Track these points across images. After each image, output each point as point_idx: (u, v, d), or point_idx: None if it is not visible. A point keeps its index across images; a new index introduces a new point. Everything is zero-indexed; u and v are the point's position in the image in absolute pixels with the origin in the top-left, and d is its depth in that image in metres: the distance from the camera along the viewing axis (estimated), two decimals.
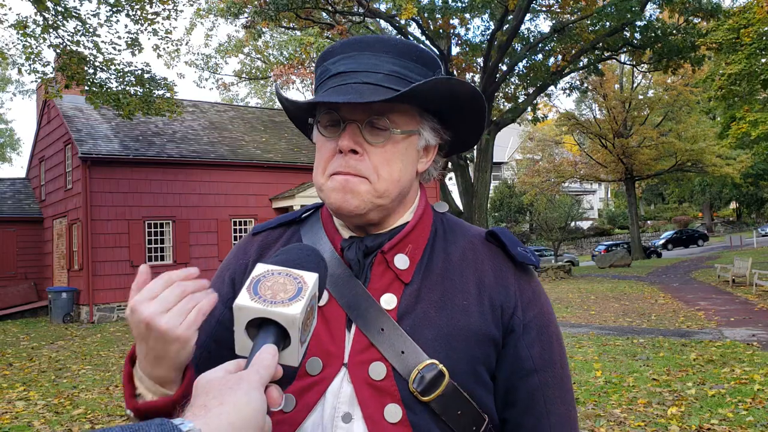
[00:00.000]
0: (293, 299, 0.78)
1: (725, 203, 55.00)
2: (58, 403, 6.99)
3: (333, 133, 1.01)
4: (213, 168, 18.52)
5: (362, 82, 0.99)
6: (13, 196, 21.17)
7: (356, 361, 0.97)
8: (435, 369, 0.96)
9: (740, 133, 18.06)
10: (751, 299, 14.38)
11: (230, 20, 24.19)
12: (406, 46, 1.03)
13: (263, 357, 0.74)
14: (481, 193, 25.03)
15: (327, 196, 1.02)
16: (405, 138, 1.02)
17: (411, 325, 0.99)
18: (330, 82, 1.01)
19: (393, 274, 1.02)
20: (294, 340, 0.78)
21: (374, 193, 1.00)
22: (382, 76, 1.00)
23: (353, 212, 1.01)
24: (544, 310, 1.08)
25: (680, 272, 24.47)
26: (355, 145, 0.99)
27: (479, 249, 1.08)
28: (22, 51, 14.66)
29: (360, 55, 1.01)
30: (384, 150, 1.00)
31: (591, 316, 12.86)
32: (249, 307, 0.78)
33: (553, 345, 1.08)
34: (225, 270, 1.15)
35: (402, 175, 1.02)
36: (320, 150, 1.04)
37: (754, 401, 5.85)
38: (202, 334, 1.09)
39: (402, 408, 0.95)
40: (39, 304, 18.76)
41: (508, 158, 51.25)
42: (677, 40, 22.81)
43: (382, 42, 1.03)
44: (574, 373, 7.39)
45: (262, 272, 0.83)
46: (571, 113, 36.59)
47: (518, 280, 1.07)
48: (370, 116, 0.99)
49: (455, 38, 25.75)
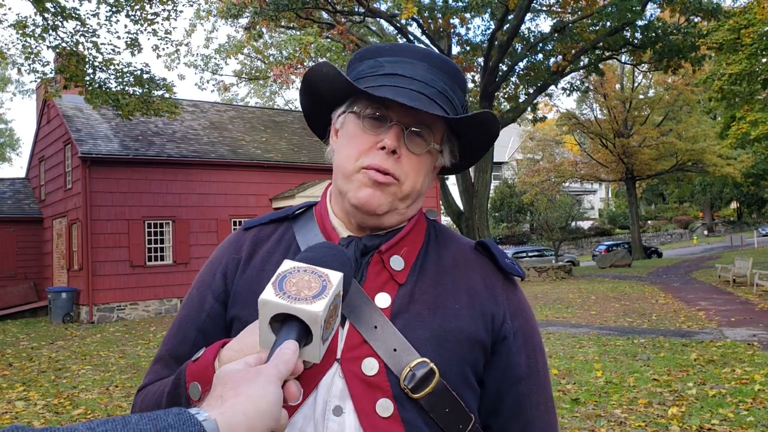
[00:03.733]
0: (317, 297, 0.80)
1: (726, 203, 54.99)
2: (57, 403, 6.98)
3: (376, 127, 1.03)
4: (213, 168, 18.51)
5: (419, 92, 1.02)
6: (13, 196, 21.16)
7: (349, 357, 0.99)
8: (426, 367, 0.98)
9: (740, 133, 18.05)
10: (751, 299, 14.36)
11: (230, 21, 24.20)
12: (452, 67, 1.09)
13: (284, 352, 0.75)
14: (481, 192, 25.02)
15: (353, 188, 1.04)
16: (434, 154, 1.08)
17: (404, 324, 1.01)
18: (384, 79, 1.04)
19: (388, 274, 1.05)
20: (316, 337, 0.79)
21: (399, 196, 1.04)
22: (436, 92, 1.04)
23: (375, 210, 1.03)
24: (528, 320, 1.12)
25: (681, 272, 24.46)
26: (399, 146, 1.02)
27: (470, 257, 1.12)
28: (21, 51, 14.67)
29: (418, 65, 1.05)
30: (419, 159, 1.05)
31: (591, 316, 12.85)
32: (273, 302, 0.79)
33: (537, 354, 1.11)
34: (216, 264, 1.15)
35: (423, 186, 1.08)
36: (355, 139, 1.05)
37: (755, 401, 5.84)
38: (192, 329, 1.10)
39: (394, 403, 0.97)
40: (39, 304, 18.76)
41: (509, 158, 51.24)
42: (678, 40, 22.80)
43: (432, 56, 1.07)
44: (575, 373, 7.38)
45: (288, 269, 0.84)
46: (571, 113, 36.57)
47: (506, 290, 1.11)
48: (414, 124, 1.03)
49: (455, 38, 25.75)
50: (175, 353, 1.09)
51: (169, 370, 1.08)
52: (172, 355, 1.10)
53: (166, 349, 1.12)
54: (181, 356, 1.07)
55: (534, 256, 33.59)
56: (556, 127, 38.52)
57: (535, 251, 35.03)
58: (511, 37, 22.50)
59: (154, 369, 1.11)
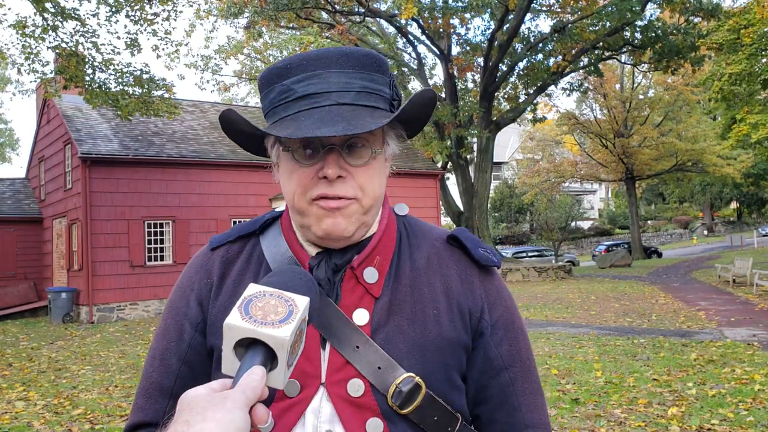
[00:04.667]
0: (283, 321, 0.78)
1: (726, 203, 54.98)
2: (57, 404, 6.98)
3: (310, 158, 0.97)
4: (213, 168, 18.51)
5: (338, 104, 0.96)
6: (13, 196, 21.16)
7: (334, 380, 0.98)
8: (412, 382, 0.97)
9: (741, 135, 18.05)
10: (751, 299, 14.36)
11: (230, 21, 24.19)
12: (367, 56, 1.01)
13: (252, 378, 0.74)
14: (481, 193, 25.01)
15: (313, 222, 0.99)
16: (381, 153, 1.03)
17: (384, 339, 1.00)
18: (297, 104, 0.97)
19: (363, 288, 1.02)
20: (281, 362, 0.78)
21: (361, 211, 1.00)
22: (356, 95, 0.97)
23: (342, 235, 1.00)
24: (508, 306, 1.11)
25: (681, 272, 24.46)
26: (341, 170, 0.97)
27: (443, 253, 1.10)
28: (21, 51, 14.67)
29: (327, 74, 0.97)
30: (367, 168, 0.99)
31: (591, 316, 12.85)
32: (239, 326, 0.77)
33: (519, 340, 1.10)
34: (188, 290, 1.11)
35: (381, 189, 1.03)
36: (295, 174, 0.99)
37: (755, 401, 5.84)
38: (174, 360, 1.07)
39: (383, 421, 0.97)
40: (39, 304, 18.75)
41: (509, 158, 51.24)
42: (677, 40, 22.82)
43: (346, 56, 0.99)
44: (575, 373, 7.38)
45: (254, 293, 0.82)
46: (571, 113, 36.57)
47: (482, 282, 1.09)
48: (349, 139, 0.97)
49: (455, 38, 25.75)
50: (160, 386, 1.07)
51: (155, 404, 1.06)
52: (156, 388, 1.07)
53: (150, 383, 1.08)
54: (166, 388, 1.06)
55: (534, 256, 33.60)
56: (556, 127, 38.52)
57: (535, 251, 35.04)
58: (511, 37, 22.50)
59: (139, 404, 1.08)
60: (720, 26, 18.15)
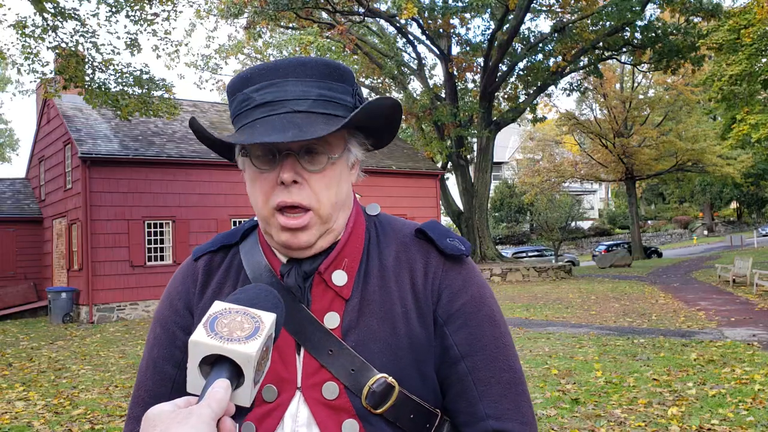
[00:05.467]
0: (250, 338, 0.78)
1: (726, 203, 54.97)
2: (57, 404, 6.98)
3: (268, 164, 1.01)
4: (213, 168, 18.51)
5: (293, 111, 0.99)
6: (13, 196, 21.16)
7: (309, 384, 1.00)
8: (384, 383, 0.99)
9: (741, 135, 18.05)
10: (751, 299, 14.36)
11: (230, 21, 24.18)
12: (326, 66, 1.03)
13: (216, 391, 0.73)
14: (481, 193, 25.01)
15: (275, 234, 1.03)
16: (339, 160, 1.04)
17: (356, 340, 1.01)
18: (256, 112, 1.00)
19: (333, 292, 1.04)
20: (248, 379, 0.78)
21: (320, 221, 1.02)
22: (312, 102, 1.00)
23: (303, 246, 1.02)
24: (475, 296, 1.08)
25: (681, 272, 24.46)
26: (296, 176, 0.99)
27: (411, 248, 1.10)
28: (21, 51, 14.67)
29: (284, 83, 1.00)
30: (323, 176, 1.01)
31: (591, 316, 12.85)
32: (204, 343, 0.77)
33: (484, 329, 1.06)
34: (175, 298, 1.13)
35: (339, 196, 1.04)
36: (256, 181, 1.03)
37: (755, 401, 5.84)
38: (169, 367, 1.09)
39: (359, 422, 0.98)
40: (39, 304, 18.75)
41: (509, 158, 51.25)
42: (677, 40, 22.81)
43: (303, 65, 1.02)
44: (575, 373, 7.38)
45: (219, 309, 0.82)
46: (571, 113, 36.56)
47: (446, 271, 1.07)
48: (306, 144, 1.00)
49: (455, 38, 25.75)
50: (155, 394, 1.07)
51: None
52: (152, 396, 1.08)
53: (145, 391, 1.09)
54: (161, 396, 1.06)
55: (534, 256, 33.61)
56: (556, 127, 38.52)
57: (535, 251, 35.04)
58: (511, 37, 22.50)
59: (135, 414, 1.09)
60: (720, 26, 18.15)
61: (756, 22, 16.07)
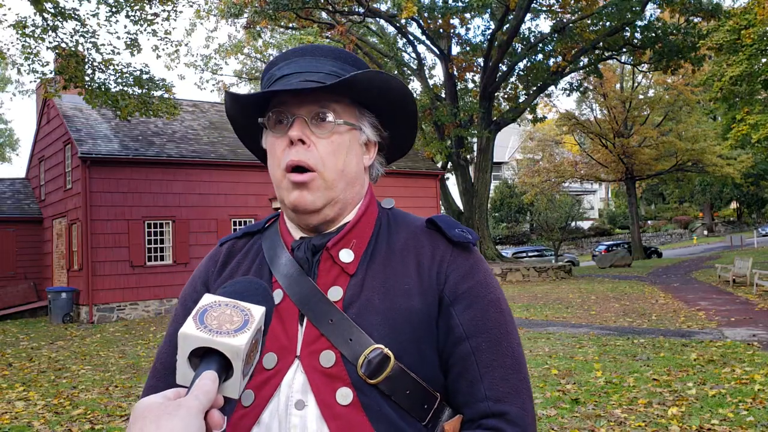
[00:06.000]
0: (239, 331, 0.78)
1: (726, 203, 54.96)
2: (57, 404, 6.98)
3: (281, 129, 1.09)
4: (213, 168, 18.51)
5: (305, 80, 1.07)
6: (13, 196, 21.16)
7: (308, 352, 1.03)
8: (380, 353, 1.01)
9: (741, 135, 18.05)
10: (751, 299, 14.36)
11: (230, 21, 24.18)
12: (341, 52, 1.14)
13: (204, 383, 0.74)
14: (481, 193, 25.01)
15: (284, 195, 1.09)
16: (348, 130, 1.10)
17: (356, 312, 1.04)
18: (275, 85, 1.09)
19: (339, 268, 1.09)
20: (237, 371, 0.78)
21: (325, 186, 1.07)
22: (323, 75, 1.08)
23: (309, 207, 1.08)
24: (480, 281, 1.11)
25: (681, 272, 24.46)
26: (303, 135, 1.06)
27: (420, 236, 1.14)
28: (21, 51, 14.67)
29: (301, 59, 1.11)
30: (330, 141, 1.08)
31: (591, 316, 12.85)
32: (194, 335, 0.77)
33: (489, 312, 1.09)
34: (197, 279, 1.21)
35: (346, 165, 1.10)
36: (273, 147, 1.11)
37: (755, 401, 5.84)
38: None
39: (353, 390, 1.00)
40: (39, 304, 18.75)
41: (509, 158, 51.23)
42: (677, 40, 22.81)
43: (320, 48, 1.13)
44: (575, 373, 7.38)
45: (209, 302, 0.82)
46: (571, 113, 36.55)
47: (455, 257, 1.11)
48: (315, 110, 1.07)
49: (455, 38, 25.74)
50: (170, 365, 1.11)
51: (165, 384, 1.09)
52: (166, 367, 1.13)
53: (161, 363, 1.15)
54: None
55: (534, 256, 33.59)
56: (556, 127, 38.52)
57: (535, 251, 35.03)
58: (511, 36, 22.49)
59: (151, 384, 1.15)
60: (720, 26, 18.14)
61: (756, 22, 16.07)
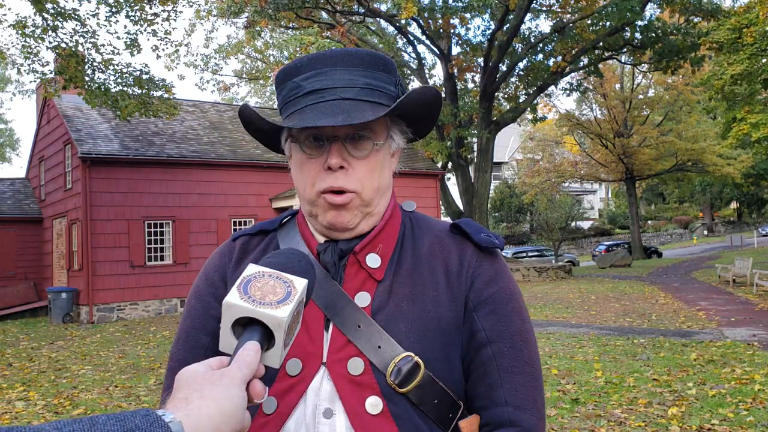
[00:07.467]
0: (282, 302, 0.79)
1: (726, 203, 54.97)
2: (57, 403, 6.98)
3: (316, 150, 1.05)
4: (213, 168, 18.51)
5: (341, 98, 1.03)
6: (13, 196, 21.15)
7: (335, 359, 1.01)
8: (411, 361, 1.00)
9: (741, 134, 18.04)
10: (751, 299, 14.36)
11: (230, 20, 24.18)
12: (371, 56, 1.08)
13: (246, 353, 0.75)
14: (481, 193, 25.00)
15: (319, 213, 1.07)
16: (383, 147, 1.09)
17: (385, 319, 1.03)
18: (305, 99, 1.04)
19: (366, 273, 1.08)
20: (278, 342, 0.79)
21: (362, 204, 1.06)
22: (359, 90, 1.04)
23: (346, 227, 1.07)
24: (504, 288, 1.11)
25: (681, 272, 24.45)
26: (343, 161, 1.03)
27: (445, 241, 1.13)
28: (21, 51, 14.66)
29: (333, 71, 1.05)
30: (368, 161, 1.06)
31: (591, 316, 12.84)
32: (238, 305, 0.78)
33: (512, 318, 1.09)
34: (211, 272, 1.18)
35: (381, 182, 1.09)
36: (303, 166, 1.07)
37: (755, 401, 5.84)
38: (202, 334, 1.12)
39: (383, 400, 0.98)
40: (39, 304, 18.75)
41: (509, 158, 51.22)
42: (677, 40, 22.79)
43: (351, 55, 1.06)
44: (575, 373, 7.38)
45: (253, 273, 0.83)
46: (571, 113, 36.55)
47: (480, 261, 1.11)
48: (352, 131, 1.04)
49: (455, 38, 25.73)
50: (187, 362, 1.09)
51: None
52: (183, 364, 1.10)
53: (177, 360, 1.12)
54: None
55: (534, 256, 33.59)
56: (556, 127, 38.51)
57: (535, 251, 35.02)
58: (511, 37, 22.48)
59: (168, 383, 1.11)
60: (721, 25, 18.13)
61: (758, 21, 16.06)
